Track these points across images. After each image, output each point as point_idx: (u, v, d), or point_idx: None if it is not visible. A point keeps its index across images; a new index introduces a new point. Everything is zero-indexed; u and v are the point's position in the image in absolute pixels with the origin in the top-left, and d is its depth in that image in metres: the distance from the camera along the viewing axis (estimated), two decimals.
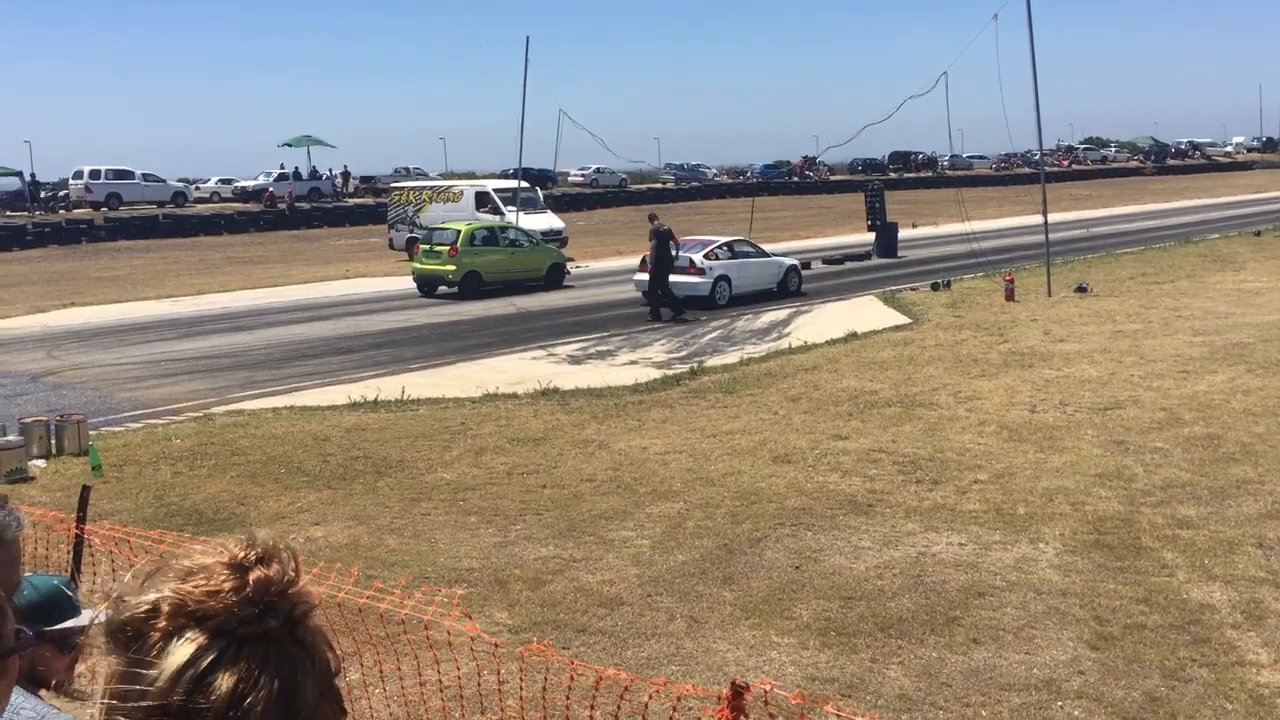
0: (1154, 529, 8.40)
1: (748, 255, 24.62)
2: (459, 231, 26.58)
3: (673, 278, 22.00)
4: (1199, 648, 6.39)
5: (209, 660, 1.10)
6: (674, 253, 22.38)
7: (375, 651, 5.21)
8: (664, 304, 21.96)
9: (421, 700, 5.47)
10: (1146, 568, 7.64)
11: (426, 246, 26.96)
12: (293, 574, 1.16)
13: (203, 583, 1.13)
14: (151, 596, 1.13)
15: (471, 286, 25.77)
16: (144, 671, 1.10)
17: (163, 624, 1.12)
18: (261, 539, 1.18)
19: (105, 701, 1.12)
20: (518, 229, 29.56)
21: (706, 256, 23.38)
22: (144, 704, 1.09)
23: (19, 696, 2.10)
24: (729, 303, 23.28)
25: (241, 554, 1.15)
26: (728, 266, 23.68)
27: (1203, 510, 8.79)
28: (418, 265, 26.99)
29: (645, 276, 22.50)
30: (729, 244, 24.54)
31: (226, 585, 1.12)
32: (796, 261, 26.04)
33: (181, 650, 1.10)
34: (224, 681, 1.09)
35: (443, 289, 26.28)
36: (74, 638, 2.61)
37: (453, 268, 25.86)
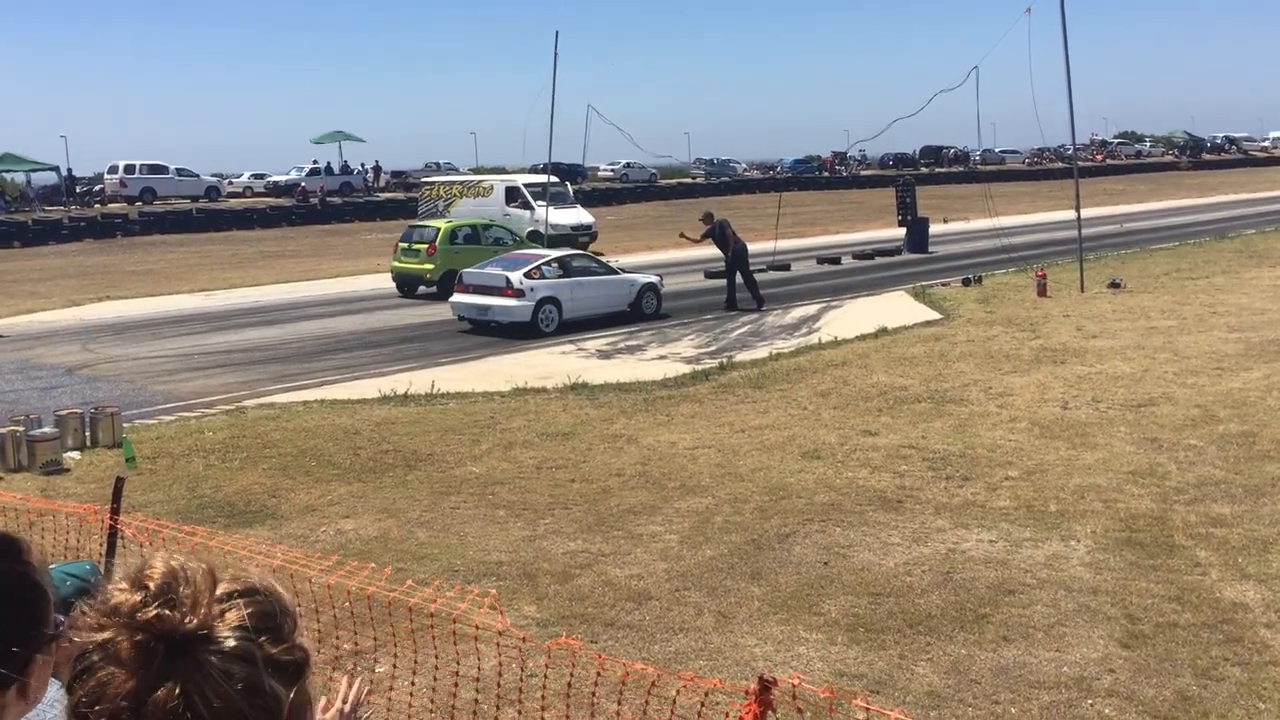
0: (1187, 527, 8.33)
1: (587, 272, 21.14)
2: (438, 229, 25.55)
3: (486, 300, 19.93)
4: (1232, 647, 6.33)
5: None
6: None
7: (405, 644, 5.24)
8: (750, 294, 22.37)
9: (451, 692, 5.49)
10: (1179, 566, 7.57)
11: (405, 245, 25.92)
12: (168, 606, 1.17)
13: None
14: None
15: (451, 286, 24.22)
16: None
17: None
18: (148, 568, 1.20)
19: None
20: (502, 227, 28.16)
21: (528, 275, 19.88)
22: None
23: (54, 689, 2.13)
24: (559, 329, 19.78)
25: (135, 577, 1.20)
26: (555, 287, 20.08)
27: (1237, 509, 8.70)
28: (396, 264, 25.93)
29: (461, 299, 20.35)
30: (561, 259, 21.00)
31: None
32: (655, 279, 22.28)
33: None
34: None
35: (422, 289, 25.27)
36: None
37: (431, 266, 24.83)
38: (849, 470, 10.15)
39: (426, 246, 25.27)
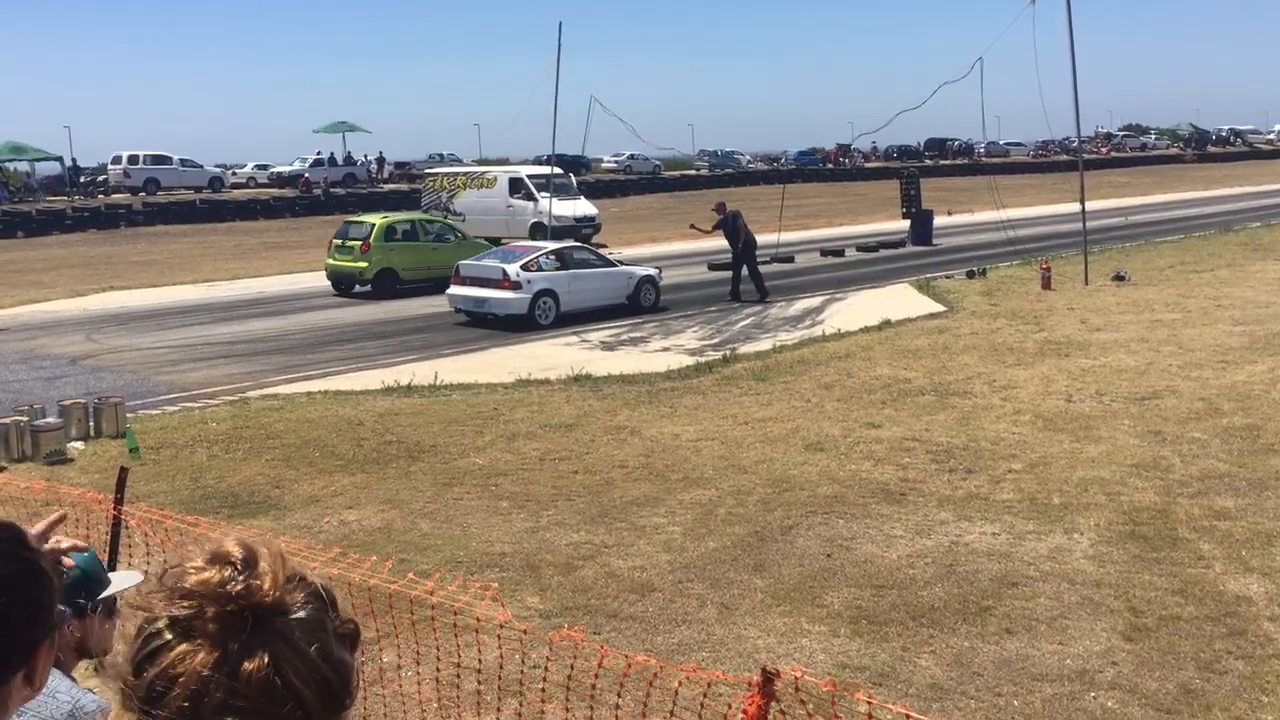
0: (1191, 520, 8.32)
1: (584, 265, 21.05)
2: (373, 225, 24.55)
3: (483, 292, 19.88)
4: (1235, 640, 6.33)
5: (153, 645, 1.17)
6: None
7: (408, 635, 5.25)
8: (755, 286, 22.35)
9: (453, 683, 5.50)
10: (1182, 559, 7.57)
11: (339, 242, 24.82)
12: (245, 578, 1.19)
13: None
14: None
15: (387, 285, 23.93)
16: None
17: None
18: (225, 547, 1.22)
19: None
20: (446, 224, 27.27)
21: (525, 267, 19.84)
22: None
23: (55, 679, 2.14)
24: (556, 321, 19.78)
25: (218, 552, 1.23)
26: (553, 279, 20.10)
27: (1241, 501, 8.69)
28: (330, 262, 24.93)
29: (458, 291, 20.33)
30: (558, 252, 20.97)
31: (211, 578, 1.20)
32: (654, 271, 22.15)
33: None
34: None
35: (358, 287, 24.54)
36: (114, 604, 2.66)
37: (365, 264, 24.00)
38: (852, 462, 10.15)
39: (360, 243, 24.35)
